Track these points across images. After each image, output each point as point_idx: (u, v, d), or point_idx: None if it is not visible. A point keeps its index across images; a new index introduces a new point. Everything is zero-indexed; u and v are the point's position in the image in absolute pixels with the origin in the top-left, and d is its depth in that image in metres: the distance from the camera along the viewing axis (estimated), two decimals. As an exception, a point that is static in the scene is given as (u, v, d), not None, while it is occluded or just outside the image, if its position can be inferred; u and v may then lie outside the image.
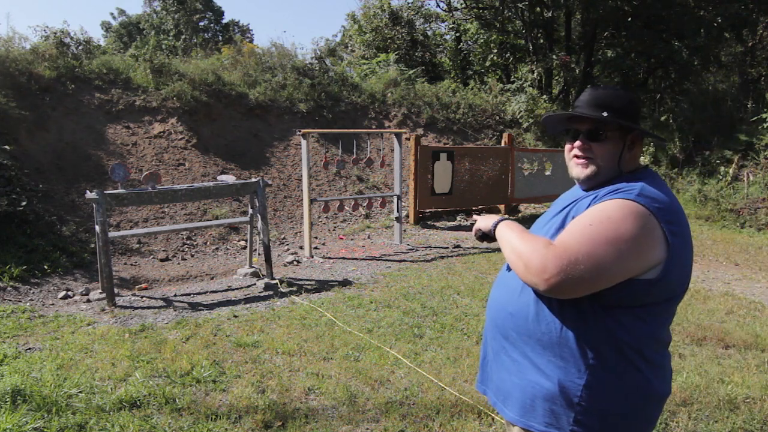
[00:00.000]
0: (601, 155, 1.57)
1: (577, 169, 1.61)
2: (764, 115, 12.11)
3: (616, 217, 1.39)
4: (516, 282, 1.61)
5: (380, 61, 15.43)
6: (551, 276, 1.34)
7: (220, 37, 32.17)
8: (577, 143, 1.60)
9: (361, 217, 9.86)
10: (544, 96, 15.19)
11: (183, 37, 30.89)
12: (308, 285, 5.98)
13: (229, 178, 6.29)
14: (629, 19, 15.47)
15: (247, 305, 5.25)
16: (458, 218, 10.40)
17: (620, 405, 1.46)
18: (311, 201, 7.47)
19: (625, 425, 1.49)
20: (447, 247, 8.01)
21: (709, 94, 14.85)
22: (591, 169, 1.58)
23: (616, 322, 1.43)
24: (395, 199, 8.19)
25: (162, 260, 7.30)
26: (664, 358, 1.55)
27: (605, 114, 1.55)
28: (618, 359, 1.44)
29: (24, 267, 6.00)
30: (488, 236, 1.69)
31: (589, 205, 1.50)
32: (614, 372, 1.44)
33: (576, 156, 1.61)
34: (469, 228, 9.75)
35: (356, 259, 7.32)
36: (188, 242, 7.86)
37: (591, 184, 1.60)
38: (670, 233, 1.40)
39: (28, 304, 5.35)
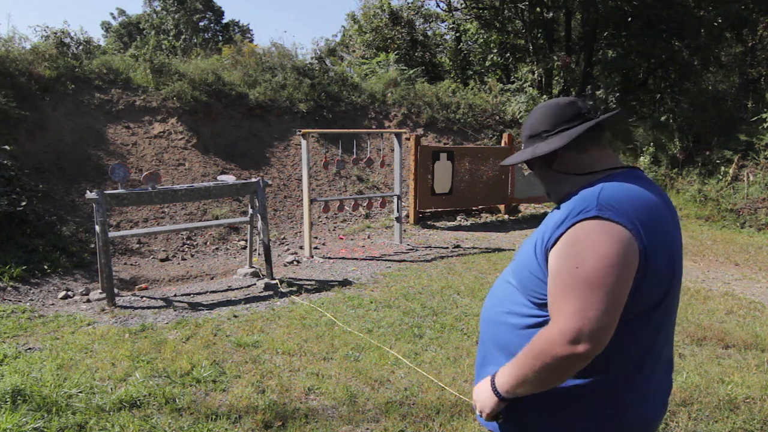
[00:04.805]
0: (538, 178, 1.65)
1: None
2: (764, 115, 12.10)
3: (590, 244, 1.29)
4: (500, 293, 1.61)
5: (380, 61, 15.42)
6: (582, 341, 1.25)
7: (220, 37, 32.21)
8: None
9: (361, 217, 9.86)
10: (544, 96, 15.17)
11: (183, 37, 30.92)
12: (308, 285, 5.98)
13: (229, 178, 6.29)
14: (629, 19, 15.45)
15: (247, 305, 5.25)
16: (458, 218, 10.40)
17: (587, 425, 1.41)
18: (311, 201, 7.47)
19: None
20: (447, 247, 8.01)
21: (709, 94, 14.83)
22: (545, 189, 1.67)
23: None
24: (395, 199, 8.19)
25: (162, 260, 7.30)
26: (646, 378, 1.42)
27: (530, 139, 1.59)
28: (587, 376, 1.37)
29: (24, 267, 6.00)
30: (505, 401, 1.43)
31: (549, 237, 1.39)
32: (581, 387, 1.39)
33: None
34: (469, 228, 9.75)
35: (356, 259, 7.32)
36: (188, 242, 7.87)
37: (551, 198, 1.62)
38: (639, 238, 1.30)
39: (28, 304, 5.35)
